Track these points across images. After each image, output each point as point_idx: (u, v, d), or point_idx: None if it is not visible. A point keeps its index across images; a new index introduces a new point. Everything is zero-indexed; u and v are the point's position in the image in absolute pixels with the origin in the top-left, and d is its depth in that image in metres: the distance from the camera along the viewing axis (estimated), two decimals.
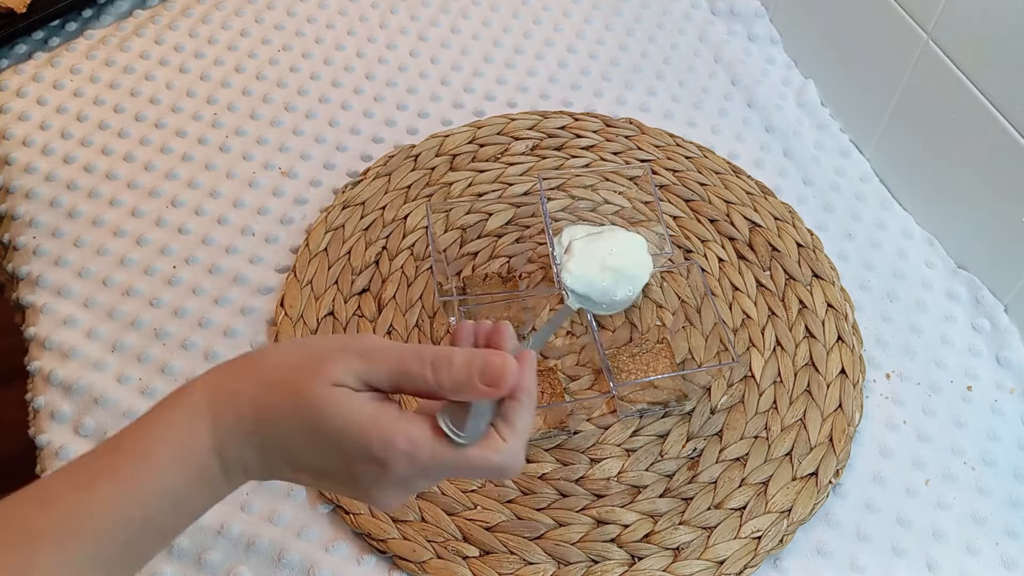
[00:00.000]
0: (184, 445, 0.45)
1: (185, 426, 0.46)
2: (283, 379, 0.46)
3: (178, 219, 0.85)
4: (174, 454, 0.45)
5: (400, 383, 0.46)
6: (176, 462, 0.45)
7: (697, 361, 0.76)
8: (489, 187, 0.87)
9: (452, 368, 0.46)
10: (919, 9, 0.81)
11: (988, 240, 0.81)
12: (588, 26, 1.04)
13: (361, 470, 0.46)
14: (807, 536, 0.70)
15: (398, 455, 0.45)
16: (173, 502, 0.45)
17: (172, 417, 0.46)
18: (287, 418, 0.46)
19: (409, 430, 0.45)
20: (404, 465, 0.45)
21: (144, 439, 0.46)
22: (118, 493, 0.44)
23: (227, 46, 0.99)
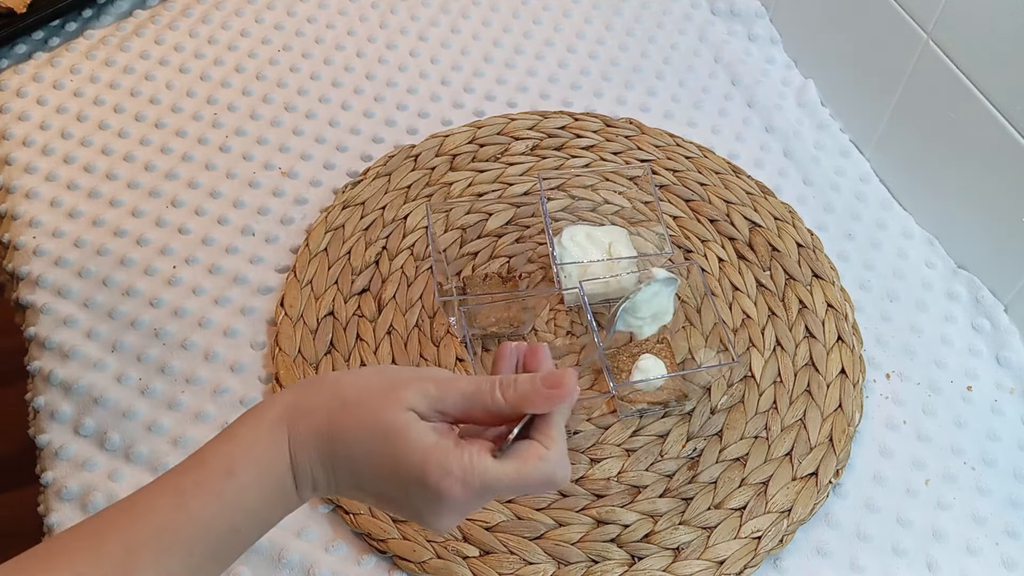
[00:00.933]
0: (265, 462, 0.48)
1: (266, 443, 0.49)
2: (359, 400, 0.49)
3: (178, 219, 0.85)
4: (257, 470, 0.48)
5: (471, 406, 0.49)
6: (258, 478, 0.48)
7: (697, 361, 0.76)
8: (489, 187, 0.88)
9: (517, 383, 0.49)
10: (919, 9, 0.81)
11: (988, 240, 0.81)
12: (588, 26, 1.04)
13: (418, 496, 0.48)
14: (807, 536, 0.70)
15: (453, 482, 0.47)
16: (255, 515, 0.48)
17: (254, 435, 0.49)
18: (358, 439, 0.48)
19: (463, 456, 0.47)
20: (459, 491, 0.47)
21: (229, 456, 0.48)
22: (207, 507, 0.47)
23: (227, 46, 0.99)
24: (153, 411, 0.74)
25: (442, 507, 0.48)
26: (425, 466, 0.47)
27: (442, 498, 0.47)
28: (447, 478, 0.47)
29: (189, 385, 0.76)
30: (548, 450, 0.49)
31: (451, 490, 0.47)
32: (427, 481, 0.47)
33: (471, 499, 0.48)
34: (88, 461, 0.71)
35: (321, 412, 0.49)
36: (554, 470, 0.49)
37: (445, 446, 0.47)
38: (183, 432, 0.73)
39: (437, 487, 0.47)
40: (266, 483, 0.48)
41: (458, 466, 0.47)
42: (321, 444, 0.48)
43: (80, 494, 0.70)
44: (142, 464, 0.72)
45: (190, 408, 0.75)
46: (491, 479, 0.47)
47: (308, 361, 0.76)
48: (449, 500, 0.47)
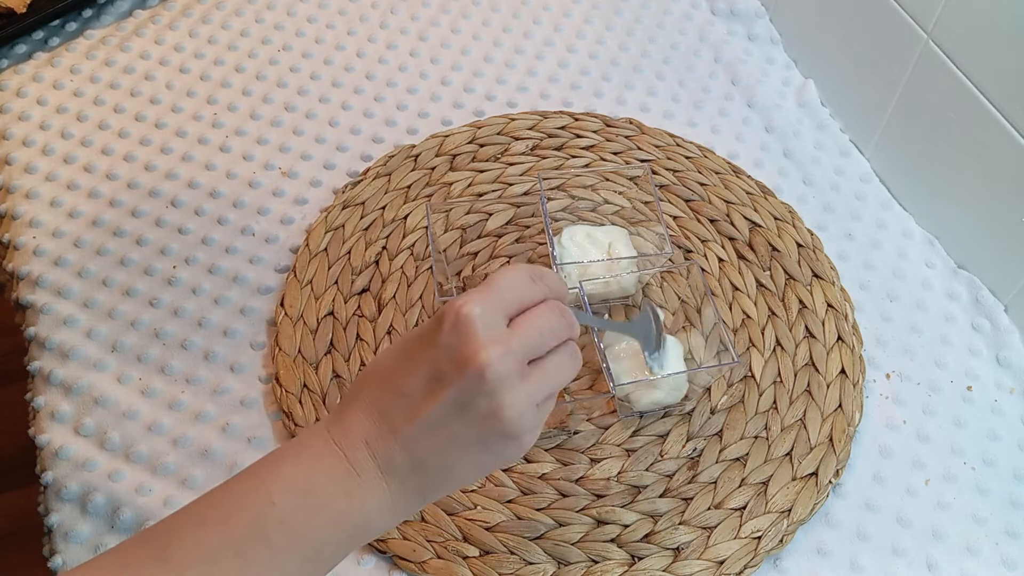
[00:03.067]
0: (299, 443, 0.49)
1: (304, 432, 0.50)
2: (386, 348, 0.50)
3: (178, 219, 0.85)
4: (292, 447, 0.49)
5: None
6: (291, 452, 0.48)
7: (697, 361, 0.76)
8: (489, 187, 0.88)
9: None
10: (919, 9, 0.81)
11: (988, 240, 0.81)
12: (588, 26, 1.04)
13: (448, 340, 0.46)
14: (807, 536, 0.70)
15: (461, 297, 0.46)
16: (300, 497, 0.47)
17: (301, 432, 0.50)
18: (384, 354, 0.49)
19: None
20: (471, 304, 0.46)
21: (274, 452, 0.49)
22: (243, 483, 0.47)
23: (227, 46, 0.99)
24: (153, 411, 0.74)
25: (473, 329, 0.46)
26: (437, 315, 0.47)
27: (458, 313, 0.46)
28: (458, 298, 0.47)
29: (189, 385, 0.76)
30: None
31: (460, 300, 0.46)
32: (439, 314, 0.47)
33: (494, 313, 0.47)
34: (88, 461, 0.71)
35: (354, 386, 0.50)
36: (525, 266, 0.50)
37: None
38: (183, 432, 0.73)
39: (447, 306, 0.47)
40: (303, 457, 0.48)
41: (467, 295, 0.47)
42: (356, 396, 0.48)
43: (80, 494, 0.70)
44: (142, 464, 0.72)
45: (190, 408, 0.75)
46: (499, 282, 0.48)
47: (308, 361, 0.76)
48: (466, 311, 0.46)
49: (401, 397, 0.47)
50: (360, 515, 0.48)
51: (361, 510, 0.48)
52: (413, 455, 0.48)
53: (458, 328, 0.46)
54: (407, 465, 0.48)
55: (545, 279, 0.50)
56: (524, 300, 0.49)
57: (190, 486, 0.71)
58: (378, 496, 0.48)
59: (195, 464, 0.72)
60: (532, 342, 0.48)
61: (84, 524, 0.69)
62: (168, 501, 0.70)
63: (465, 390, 0.46)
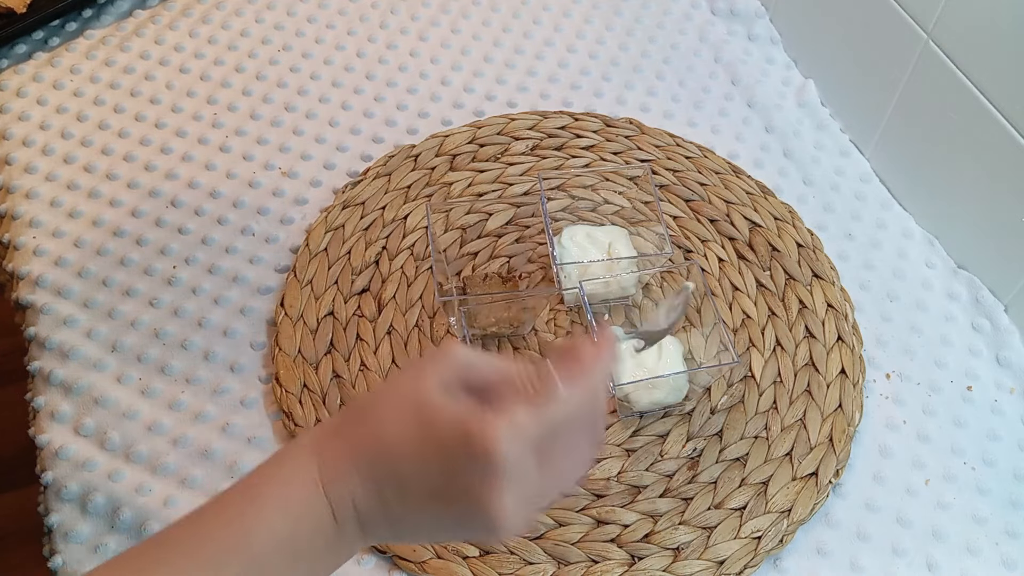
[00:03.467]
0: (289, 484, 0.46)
1: (289, 469, 0.46)
2: (382, 396, 0.47)
3: (178, 219, 0.85)
4: (279, 494, 0.45)
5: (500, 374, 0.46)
6: (281, 502, 0.45)
7: (697, 361, 0.76)
8: (489, 187, 0.88)
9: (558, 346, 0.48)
10: (919, 9, 0.81)
11: (988, 240, 0.81)
12: (588, 26, 1.04)
13: (469, 472, 0.43)
14: (807, 536, 0.70)
15: (499, 428, 0.43)
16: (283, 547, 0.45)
17: (278, 467, 0.47)
18: (391, 420, 0.45)
19: (504, 407, 0.44)
20: (508, 439, 0.43)
21: (252, 487, 0.46)
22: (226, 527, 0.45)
23: (227, 46, 0.99)
24: (153, 411, 0.74)
25: (498, 477, 0.43)
26: (466, 425, 0.43)
27: (491, 457, 0.42)
28: (490, 426, 0.42)
29: (189, 385, 0.76)
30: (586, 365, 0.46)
31: (498, 440, 0.42)
32: (471, 439, 0.42)
33: (525, 453, 0.43)
34: (88, 461, 0.71)
35: (347, 424, 0.46)
36: (596, 384, 0.46)
37: (482, 408, 0.44)
38: (183, 432, 0.73)
39: (483, 441, 0.42)
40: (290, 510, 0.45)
41: (500, 413, 0.43)
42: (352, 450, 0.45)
43: (80, 494, 0.70)
44: (142, 464, 0.72)
45: (190, 408, 0.75)
46: (542, 416, 0.44)
47: (308, 361, 0.76)
48: (501, 458, 0.42)
49: (401, 482, 0.45)
50: (335, 565, 0.47)
51: (337, 563, 0.47)
52: (395, 529, 0.47)
53: (487, 469, 0.43)
54: (386, 534, 0.47)
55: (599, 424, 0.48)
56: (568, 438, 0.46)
57: (190, 486, 0.71)
58: (352, 549, 0.47)
59: (195, 464, 0.72)
60: (551, 494, 0.47)
61: (84, 524, 0.69)
62: (168, 501, 0.70)
63: (469, 519, 0.45)
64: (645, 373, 0.72)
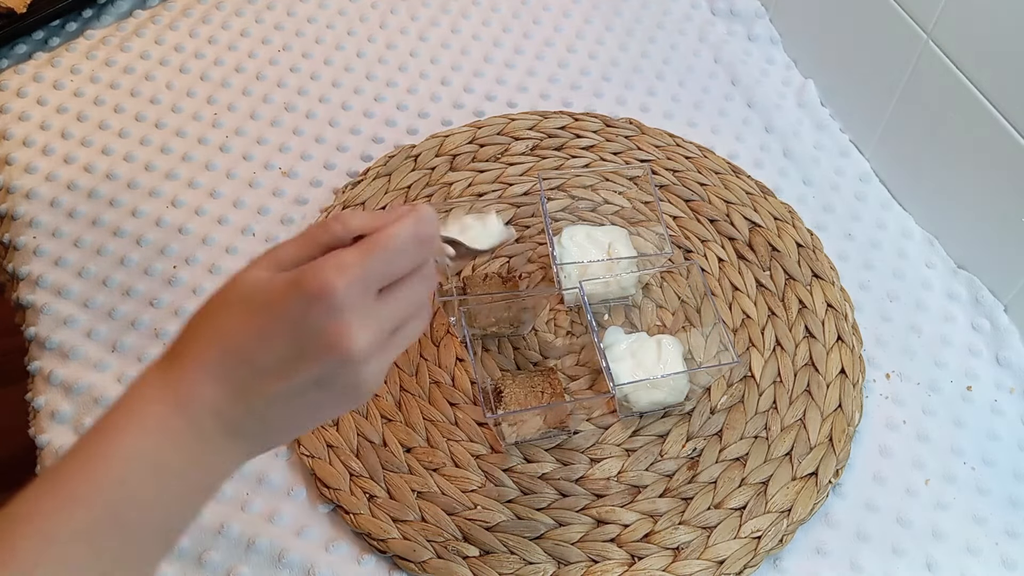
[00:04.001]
0: (140, 407, 0.46)
1: (137, 392, 0.46)
2: (206, 307, 0.47)
3: (178, 219, 0.85)
4: (130, 416, 0.46)
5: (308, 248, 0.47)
6: (133, 423, 0.45)
7: (697, 361, 0.76)
8: (489, 187, 0.88)
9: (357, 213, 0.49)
10: (919, 9, 0.81)
11: (988, 240, 0.81)
12: (588, 26, 1.04)
13: (312, 321, 0.44)
14: (807, 536, 0.70)
15: (328, 271, 0.44)
16: (145, 464, 0.45)
17: (127, 395, 0.47)
18: (224, 317, 0.46)
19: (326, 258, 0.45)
20: (338, 276, 0.44)
21: (105, 420, 0.46)
22: (84, 463, 0.44)
23: (227, 46, 0.99)
24: None
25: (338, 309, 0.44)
26: (295, 278, 0.45)
27: (325, 290, 0.44)
28: (318, 268, 0.44)
29: None
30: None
31: (327, 275, 0.44)
32: (303, 285, 0.44)
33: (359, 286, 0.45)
34: None
35: (182, 346, 0.47)
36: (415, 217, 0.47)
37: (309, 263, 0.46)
38: None
39: (314, 280, 0.44)
40: (144, 426, 0.45)
41: (328, 259, 0.45)
42: (196, 353, 0.46)
43: None
44: None
45: None
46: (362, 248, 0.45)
47: None
48: (334, 289, 0.44)
49: (257, 371, 0.45)
50: (209, 480, 0.47)
51: (209, 475, 0.47)
52: (263, 422, 0.47)
53: (326, 309, 0.44)
54: (256, 430, 0.47)
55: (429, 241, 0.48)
56: (399, 272, 0.48)
57: None
58: (226, 459, 0.47)
59: None
60: (399, 317, 0.47)
61: None
62: None
63: (327, 369, 0.45)
64: (645, 373, 0.72)
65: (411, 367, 0.76)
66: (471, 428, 0.73)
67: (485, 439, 0.73)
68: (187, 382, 0.46)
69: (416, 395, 0.75)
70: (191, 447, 0.46)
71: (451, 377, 0.76)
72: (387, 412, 0.74)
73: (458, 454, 0.72)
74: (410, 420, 0.73)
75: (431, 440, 0.72)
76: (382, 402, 0.74)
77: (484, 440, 0.72)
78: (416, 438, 0.72)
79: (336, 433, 0.72)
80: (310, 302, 0.44)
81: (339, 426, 0.72)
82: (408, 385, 0.75)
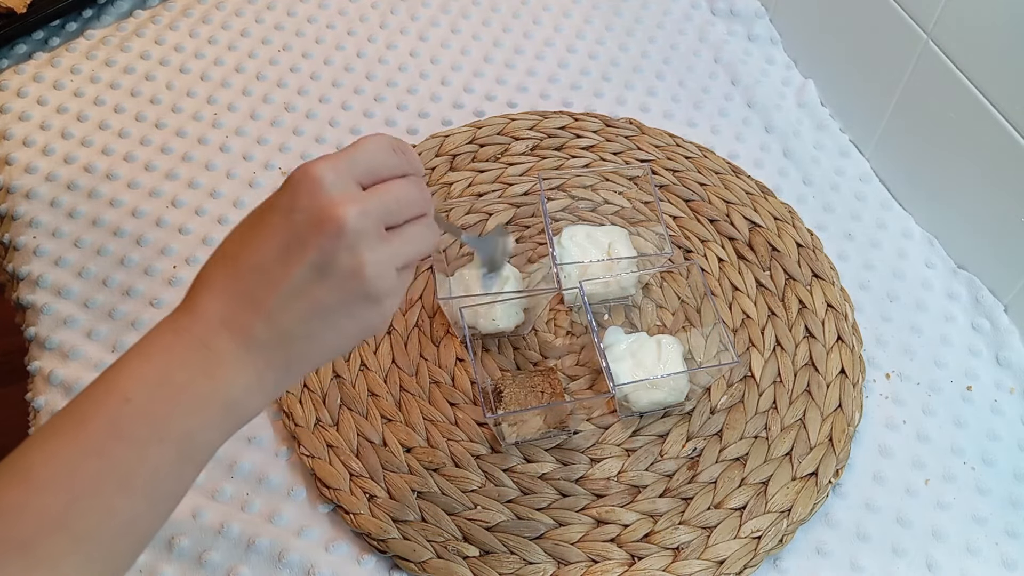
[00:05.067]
0: (147, 338, 0.47)
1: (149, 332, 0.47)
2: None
3: (178, 219, 0.85)
4: (140, 348, 0.46)
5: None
6: (139, 353, 0.46)
7: (697, 361, 0.76)
8: (489, 187, 0.88)
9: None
10: (919, 9, 0.81)
11: (988, 240, 0.81)
12: (588, 26, 1.04)
13: (300, 203, 0.45)
14: (807, 536, 0.70)
15: (315, 162, 0.45)
16: (149, 382, 0.45)
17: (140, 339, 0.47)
18: (232, 235, 0.47)
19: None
20: (325, 165, 0.45)
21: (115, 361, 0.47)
22: (91, 392, 0.45)
23: (227, 46, 0.99)
24: None
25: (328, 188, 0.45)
26: (287, 179, 0.46)
27: (312, 173, 0.45)
28: (306, 163, 0.45)
29: None
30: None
31: (314, 164, 0.45)
32: (292, 177, 0.45)
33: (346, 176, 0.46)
34: None
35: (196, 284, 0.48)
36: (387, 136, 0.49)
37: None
38: None
39: (302, 169, 0.45)
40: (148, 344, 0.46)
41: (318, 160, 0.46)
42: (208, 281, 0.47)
43: None
44: None
45: None
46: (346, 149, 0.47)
47: None
48: (321, 172, 0.45)
49: (257, 270, 0.46)
50: (226, 394, 0.46)
51: (226, 389, 0.46)
52: (276, 327, 0.46)
53: (313, 191, 0.45)
54: (271, 339, 0.46)
55: (406, 153, 0.49)
56: (381, 170, 0.48)
57: None
58: (242, 374, 0.46)
59: None
60: (388, 207, 0.47)
61: None
62: None
63: (325, 249, 0.45)
64: (645, 373, 0.72)
65: (411, 367, 0.76)
66: (471, 428, 0.73)
67: (485, 439, 0.73)
68: (195, 306, 0.46)
69: (416, 395, 0.75)
70: (199, 362, 0.45)
71: (451, 377, 0.76)
72: (387, 412, 0.74)
73: (458, 454, 0.72)
74: (410, 420, 0.73)
75: (431, 440, 0.72)
76: (382, 402, 0.74)
77: (484, 440, 0.72)
78: (416, 438, 0.72)
79: (336, 433, 0.72)
80: (295, 188, 0.45)
81: (339, 426, 0.72)
82: (408, 385, 0.75)
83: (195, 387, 0.45)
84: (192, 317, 0.46)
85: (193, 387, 0.45)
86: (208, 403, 0.46)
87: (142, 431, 0.44)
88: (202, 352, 0.45)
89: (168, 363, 0.45)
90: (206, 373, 0.45)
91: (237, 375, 0.46)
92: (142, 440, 0.44)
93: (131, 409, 0.44)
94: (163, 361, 0.45)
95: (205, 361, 0.45)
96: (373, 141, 0.48)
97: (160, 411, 0.45)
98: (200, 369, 0.45)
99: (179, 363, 0.45)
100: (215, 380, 0.45)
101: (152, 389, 0.45)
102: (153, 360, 0.46)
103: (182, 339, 0.46)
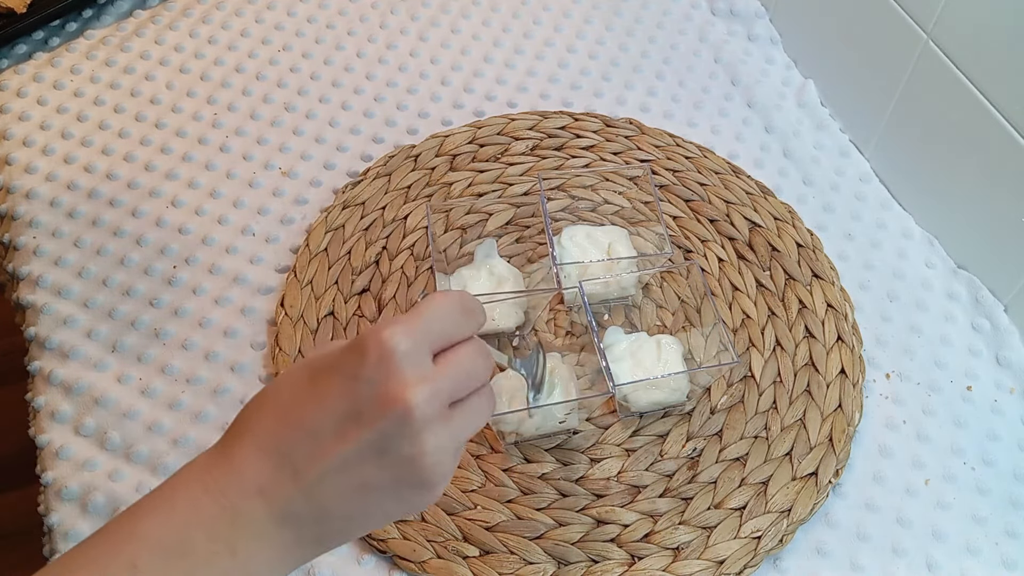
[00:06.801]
0: (176, 483, 0.43)
1: (180, 473, 0.44)
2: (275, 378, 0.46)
3: (178, 219, 0.85)
4: (162, 497, 0.43)
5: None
6: (163, 504, 0.43)
7: (697, 361, 0.76)
8: (489, 187, 0.88)
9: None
10: (919, 9, 0.81)
11: (988, 240, 0.81)
12: (588, 26, 1.04)
13: (369, 375, 0.42)
14: (807, 536, 0.70)
15: (385, 327, 0.42)
16: (164, 549, 0.42)
17: (171, 477, 0.44)
18: (285, 381, 0.44)
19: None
20: (395, 332, 0.42)
21: (141, 500, 0.44)
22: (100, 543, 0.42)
23: (227, 46, 0.99)
24: (153, 411, 0.74)
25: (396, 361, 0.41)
26: (353, 339, 0.43)
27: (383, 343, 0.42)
28: (375, 327, 0.43)
29: (189, 385, 0.76)
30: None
31: (384, 330, 0.42)
32: (360, 341, 0.42)
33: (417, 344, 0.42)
34: (88, 461, 0.71)
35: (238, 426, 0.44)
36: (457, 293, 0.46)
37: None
38: (183, 432, 0.73)
39: (372, 334, 0.42)
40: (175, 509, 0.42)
41: (390, 321, 0.43)
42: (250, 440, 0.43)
43: (80, 494, 0.70)
44: (142, 464, 0.72)
45: (190, 408, 0.75)
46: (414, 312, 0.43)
47: None
48: (391, 341, 0.42)
49: (308, 435, 0.42)
50: (244, 571, 0.42)
51: (246, 565, 0.42)
52: (315, 502, 0.42)
53: (382, 363, 0.42)
54: (308, 514, 0.43)
55: (475, 313, 0.47)
56: (453, 335, 0.45)
57: None
58: (269, 549, 0.43)
59: None
60: (458, 384, 0.44)
61: (84, 524, 0.69)
62: None
63: (386, 433, 0.42)
64: (645, 373, 0.72)
65: None
66: None
67: (485, 439, 0.73)
68: (234, 458, 0.43)
69: None
70: (225, 533, 0.42)
71: None
72: None
73: None
74: None
75: None
76: None
77: (484, 440, 0.72)
78: None
79: None
80: (364, 352, 0.42)
81: None
82: None
83: (217, 562, 0.42)
84: (228, 473, 0.43)
85: (215, 562, 0.42)
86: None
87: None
88: (231, 519, 0.42)
89: (189, 526, 0.42)
90: (229, 548, 0.42)
91: (261, 550, 0.43)
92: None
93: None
94: (185, 523, 0.42)
95: (231, 533, 0.42)
96: (445, 303, 0.45)
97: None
98: (224, 543, 0.42)
99: (202, 531, 0.42)
100: (236, 557, 0.42)
101: (165, 559, 0.41)
102: (176, 516, 0.42)
103: (213, 499, 0.42)
